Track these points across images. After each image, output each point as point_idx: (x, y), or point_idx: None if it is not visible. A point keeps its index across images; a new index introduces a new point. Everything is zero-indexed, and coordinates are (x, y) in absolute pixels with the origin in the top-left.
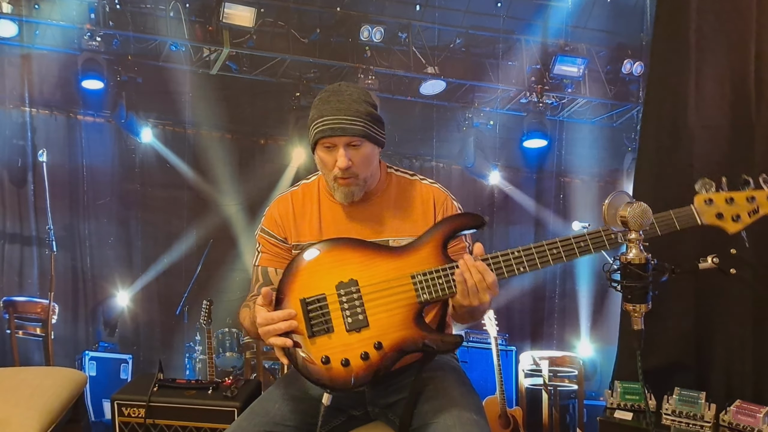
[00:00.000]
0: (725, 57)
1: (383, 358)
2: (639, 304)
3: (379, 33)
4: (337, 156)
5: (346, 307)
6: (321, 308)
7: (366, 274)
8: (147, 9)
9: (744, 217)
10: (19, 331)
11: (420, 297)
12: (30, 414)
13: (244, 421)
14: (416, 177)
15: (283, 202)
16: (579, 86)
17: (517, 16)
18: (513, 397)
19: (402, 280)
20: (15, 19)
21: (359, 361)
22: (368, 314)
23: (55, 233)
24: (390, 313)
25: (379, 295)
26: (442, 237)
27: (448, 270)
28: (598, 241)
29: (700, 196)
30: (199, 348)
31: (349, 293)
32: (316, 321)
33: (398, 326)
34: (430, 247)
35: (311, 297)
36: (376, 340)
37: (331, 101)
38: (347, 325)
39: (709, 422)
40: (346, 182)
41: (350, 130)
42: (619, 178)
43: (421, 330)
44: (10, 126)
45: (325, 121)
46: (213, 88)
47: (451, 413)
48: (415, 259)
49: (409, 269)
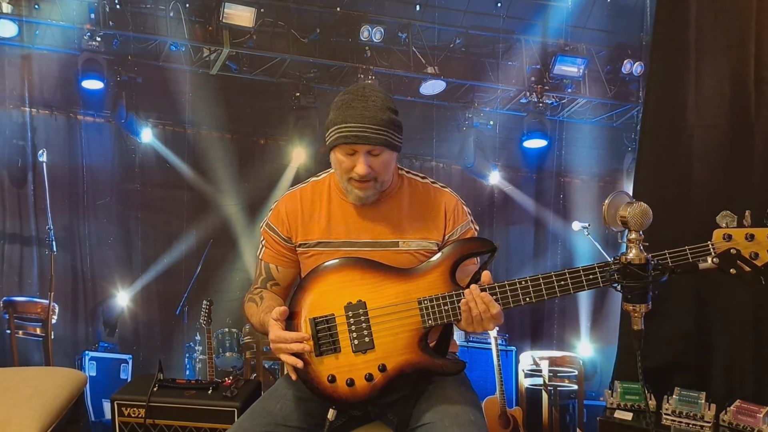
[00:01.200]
0: (725, 56)
1: (386, 380)
2: (639, 304)
3: (379, 33)
4: (356, 162)
5: (353, 329)
6: (329, 328)
7: (374, 296)
8: (147, 9)
9: (763, 255)
10: (19, 331)
11: (425, 322)
12: (30, 414)
13: (245, 421)
14: (427, 180)
15: (292, 199)
16: (579, 86)
17: (517, 15)
18: (513, 397)
19: (409, 305)
20: (15, 19)
21: (363, 381)
22: (374, 336)
23: (54, 233)
24: (395, 336)
25: (386, 318)
26: (451, 262)
27: (454, 297)
28: (606, 275)
29: (718, 231)
30: (199, 348)
31: (356, 315)
32: (324, 341)
33: (403, 350)
34: (438, 272)
35: (320, 317)
36: (380, 362)
37: (356, 107)
38: (353, 346)
39: (709, 422)
40: (362, 186)
41: (374, 140)
42: (619, 178)
43: (425, 354)
44: (10, 126)
45: (349, 128)
46: (213, 88)
47: (449, 413)
48: (423, 283)
49: (417, 294)
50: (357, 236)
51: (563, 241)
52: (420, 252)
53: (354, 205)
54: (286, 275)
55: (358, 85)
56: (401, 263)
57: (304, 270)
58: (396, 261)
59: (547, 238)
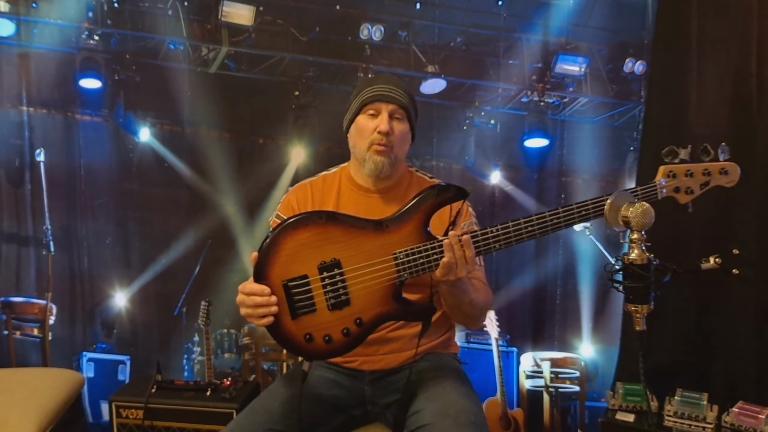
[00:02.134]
0: (726, 56)
1: (363, 332)
2: (641, 304)
3: (379, 31)
4: (379, 121)
5: (328, 288)
6: (303, 290)
7: (349, 253)
8: (145, 7)
9: (696, 190)
10: (17, 332)
11: (401, 275)
12: (27, 416)
13: (244, 419)
14: (435, 179)
15: (302, 189)
16: (580, 85)
17: (518, 14)
18: (514, 398)
19: (385, 259)
20: (13, 18)
21: (341, 336)
22: (350, 292)
23: (52, 233)
24: (371, 290)
25: (361, 274)
26: (425, 214)
27: (428, 247)
28: (569, 216)
29: (664, 168)
30: (198, 349)
31: (332, 275)
32: (300, 303)
33: (378, 302)
34: (412, 225)
35: (293, 279)
36: (357, 316)
37: (381, 77)
38: (329, 305)
39: (711, 424)
40: (381, 149)
41: (398, 100)
42: (621, 177)
43: (398, 304)
44: (8, 125)
45: (375, 89)
46: (211, 87)
47: (449, 414)
48: (398, 236)
49: (392, 247)
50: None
51: (565, 241)
52: None
53: (363, 195)
54: None
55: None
56: None
57: None
58: None
59: (548, 238)
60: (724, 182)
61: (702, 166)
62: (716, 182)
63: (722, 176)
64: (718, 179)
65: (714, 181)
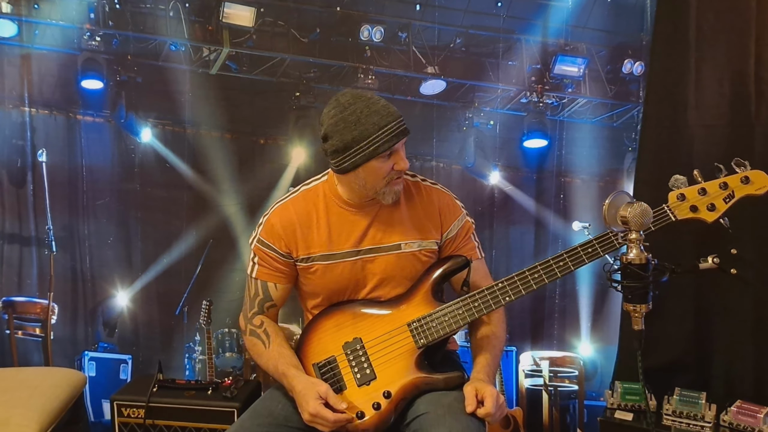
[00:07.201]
0: (725, 56)
1: (393, 405)
2: (639, 304)
3: (379, 32)
4: (397, 159)
5: (354, 365)
6: (333, 370)
7: (368, 330)
8: (147, 9)
9: (719, 205)
10: (19, 331)
11: (418, 342)
12: (29, 415)
13: (247, 420)
14: (417, 178)
15: (285, 211)
16: (579, 86)
17: (517, 15)
18: (513, 397)
19: (400, 330)
20: (14, 18)
21: (372, 411)
22: (374, 366)
23: (54, 233)
24: (394, 361)
25: (382, 347)
26: (432, 284)
27: (438, 312)
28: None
29: (672, 193)
30: (199, 348)
31: (355, 351)
32: (330, 382)
33: (403, 373)
34: (421, 295)
35: (322, 361)
36: (384, 389)
37: (375, 111)
38: (357, 380)
39: (709, 423)
40: (399, 180)
41: (407, 129)
42: (620, 177)
43: (423, 372)
44: (10, 126)
45: (389, 129)
46: (213, 88)
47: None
48: (409, 308)
49: (405, 318)
50: (360, 244)
51: (563, 241)
52: (422, 252)
53: (352, 212)
54: (283, 293)
55: (346, 99)
56: (405, 266)
57: (305, 284)
58: (399, 264)
59: (547, 238)
60: (753, 190)
61: (717, 180)
62: (742, 192)
63: (745, 185)
64: (742, 189)
65: (739, 191)
